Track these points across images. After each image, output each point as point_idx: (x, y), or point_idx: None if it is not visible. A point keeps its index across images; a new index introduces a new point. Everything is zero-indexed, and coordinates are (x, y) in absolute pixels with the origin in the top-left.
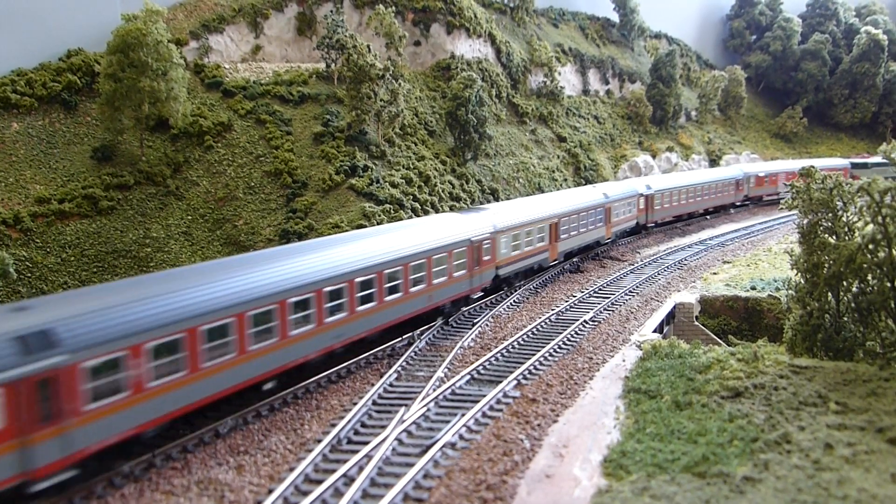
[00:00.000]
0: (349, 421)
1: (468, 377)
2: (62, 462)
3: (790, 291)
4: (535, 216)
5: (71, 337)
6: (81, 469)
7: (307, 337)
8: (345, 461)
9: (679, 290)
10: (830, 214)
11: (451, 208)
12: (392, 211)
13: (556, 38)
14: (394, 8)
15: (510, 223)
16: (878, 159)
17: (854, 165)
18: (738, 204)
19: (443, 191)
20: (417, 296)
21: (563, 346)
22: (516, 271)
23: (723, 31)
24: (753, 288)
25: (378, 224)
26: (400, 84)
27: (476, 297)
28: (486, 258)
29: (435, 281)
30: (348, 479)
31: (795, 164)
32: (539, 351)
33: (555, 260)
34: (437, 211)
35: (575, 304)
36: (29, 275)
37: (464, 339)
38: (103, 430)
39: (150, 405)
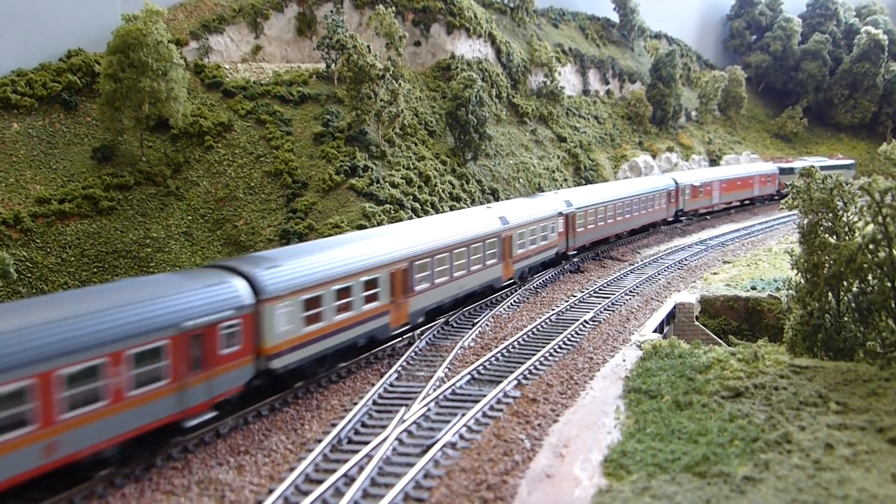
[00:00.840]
0: (350, 421)
1: (468, 377)
2: None
3: (790, 291)
4: (361, 262)
5: None
6: None
7: None
8: (345, 461)
9: (679, 290)
10: (831, 214)
11: (452, 208)
12: (392, 211)
13: (556, 39)
14: (394, 8)
15: (299, 280)
16: (801, 164)
17: (781, 171)
18: (670, 220)
19: (443, 191)
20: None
21: (563, 346)
22: (319, 356)
23: (723, 31)
24: (754, 288)
25: (379, 224)
26: (400, 84)
27: (193, 423)
28: (227, 351)
29: (65, 415)
30: (349, 479)
31: (731, 172)
32: (539, 351)
33: (404, 324)
34: (437, 211)
35: (575, 304)
36: (29, 275)
37: (464, 339)
38: None
39: None
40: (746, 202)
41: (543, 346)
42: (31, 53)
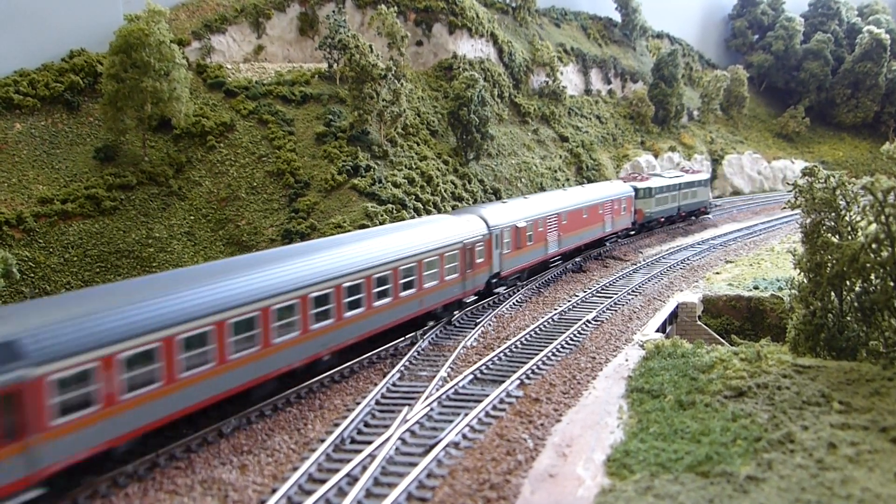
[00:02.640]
0: (352, 420)
1: (471, 377)
2: None
3: (793, 291)
4: None
5: None
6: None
7: None
8: (348, 461)
9: (682, 290)
10: (834, 214)
11: (454, 208)
12: (395, 211)
13: (558, 38)
14: (396, 8)
15: None
16: (661, 182)
17: (637, 193)
18: (467, 300)
19: (445, 191)
20: None
21: (565, 345)
22: None
23: (725, 30)
24: (756, 287)
25: (381, 224)
26: (402, 84)
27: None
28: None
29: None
30: (352, 479)
31: (573, 199)
32: (542, 350)
33: None
34: (439, 211)
35: (578, 304)
36: (32, 275)
37: (467, 339)
38: None
39: None
40: (592, 246)
41: (546, 346)
42: (34, 53)
